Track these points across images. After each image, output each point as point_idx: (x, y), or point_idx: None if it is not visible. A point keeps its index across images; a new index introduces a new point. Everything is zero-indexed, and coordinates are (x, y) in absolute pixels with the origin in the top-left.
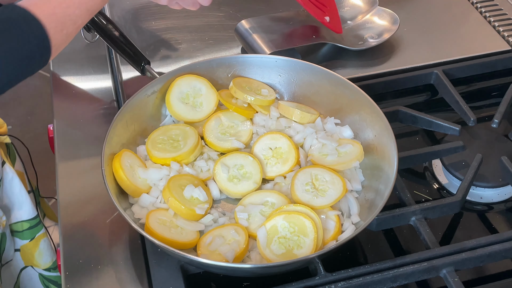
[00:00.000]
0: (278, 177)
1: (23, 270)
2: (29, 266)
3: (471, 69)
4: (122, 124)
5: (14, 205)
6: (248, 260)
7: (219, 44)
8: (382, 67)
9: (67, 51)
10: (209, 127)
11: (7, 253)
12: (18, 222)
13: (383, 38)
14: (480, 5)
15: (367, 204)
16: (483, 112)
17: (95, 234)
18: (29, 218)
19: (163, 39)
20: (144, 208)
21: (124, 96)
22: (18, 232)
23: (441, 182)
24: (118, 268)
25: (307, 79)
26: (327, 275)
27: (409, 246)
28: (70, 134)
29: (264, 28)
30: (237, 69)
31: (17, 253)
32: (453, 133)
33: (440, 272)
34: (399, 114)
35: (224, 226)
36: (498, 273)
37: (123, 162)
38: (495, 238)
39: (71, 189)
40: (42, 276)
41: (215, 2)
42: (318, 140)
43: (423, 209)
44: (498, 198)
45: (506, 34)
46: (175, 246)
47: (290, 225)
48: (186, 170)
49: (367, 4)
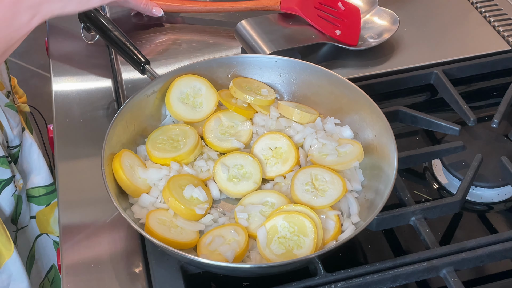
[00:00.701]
0: (278, 177)
1: (38, 237)
2: (44, 234)
3: (471, 69)
4: (122, 124)
5: (32, 171)
6: (248, 260)
7: (219, 44)
8: (382, 67)
9: (67, 51)
10: (209, 127)
11: (23, 218)
12: (35, 188)
13: (383, 38)
14: (480, 5)
15: (367, 204)
16: (483, 112)
17: (95, 234)
18: (46, 184)
19: (163, 39)
20: (144, 208)
21: (124, 96)
22: (34, 198)
23: (441, 182)
24: (118, 268)
25: (307, 79)
26: (327, 275)
27: (409, 246)
28: (70, 134)
29: (264, 28)
30: (237, 69)
31: (32, 220)
32: (453, 133)
33: (440, 272)
34: (399, 114)
35: (224, 226)
36: (498, 273)
37: (123, 162)
38: (495, 238)
39: (71, 189)
40: (56, 243)
41: None
42: (318, 140)
43: (423, 209)
44: (498, 198)
45: (506, 34)
46: (175, 246)
47: (290, 225)
48: (186, 170)
49: (367, 4)
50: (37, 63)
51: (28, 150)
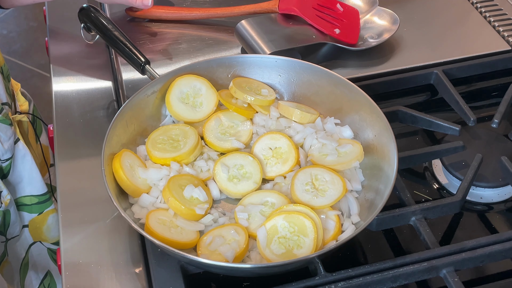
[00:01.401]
0: (278, 177)
1: (32, 245)
2: (38, 242)
3: (471, 69)
4: (122, 124)
5: (23, 179)
6: (248, 260)
7: (219, 44)
8: (382, 67)
9: (67, 51)
10: (209, 127)
11: (12, 229)
12: (27, 196)
13: (383, 38)
14: (480, 5)
15: (367, 204)
16: (483, 112)
17: (95, 234)
18: (39, 194)
19: (163, 39)
20: (144, 208)
21: (124, 96)
22: (26, 206)
23: (441, 182)
24: (118, 268)
25: (307, 79)
26: (327, 275)
27: (409, 246)
28: (70, 134)
29: (264, 28)
30: (237, 69)
31: (25, 229)
32: (453, 133)
33: (440, 272)
34: (399, 114)
35: (224, 226)
36: (498, 273)
37: (123, 162)
38: (495, 238)
39: (71, 189)
40: (50, 251)
41: (215, 2)
42: (318, 140)
43: (423, 209)
44: (498, 198)
45: (506, 34)
46: (175, 246)
47: (290, 225)
48: (186, 170)
49: (367, 4)
50: (37, 63)
51: (21, 161)
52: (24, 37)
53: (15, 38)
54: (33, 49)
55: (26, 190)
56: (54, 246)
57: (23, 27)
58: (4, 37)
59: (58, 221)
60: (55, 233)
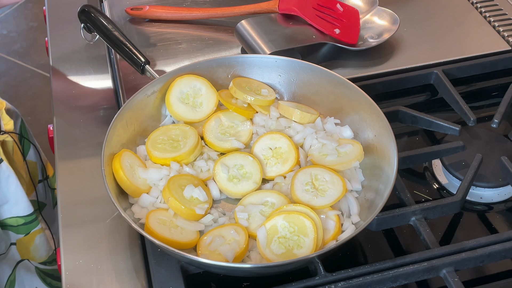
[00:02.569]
0: (278, 177)
1: (20, 262)
2: (26, 259)
3: (471, 69)
4: (122, 124)
5: (8, 201)
6: (248, 260)
7: (219, 44)
8: (382, 67)
9: (67, 51)
10: (209, 127)
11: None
12: (13, 217)
13: (383, 38)
14: (480, 5)
15: (367, 204)
16: (483, 112)
17: (95, 234)
18: (25, 215)
19: (163, 39)
20: (144, 208)
21: (124, 96)
22: (13, 227)
23: (441, 182)
24: (118, 268)
25: (307, 79)
26: (327, 275)
27: (409, 246)
28: (70, 134)
29: (264, 28)
30: (237, 69)
31: (13, 246)
32: (453, 133)
33: (440, 272)
34: (399, 114)
35: (224, 226)
36: (498, 273)
37: (123, 162)
38: (495, 238)
39: (71, 189)
40: (38, 269)
41: (215, 2)
42: (318, 140)
43: (423, 209)
44: (498, 198)
45: (506, 34)
46: (175, 246)
47: (290, 225)
48: (186, 170)
49: (367, 4)
50: (37, 63)
51: (5, 182)
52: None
53: (15, 38)
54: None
55: (11, 212)
56: (42, 266)
57: (23, 27)
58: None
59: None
60: (42, 253)
